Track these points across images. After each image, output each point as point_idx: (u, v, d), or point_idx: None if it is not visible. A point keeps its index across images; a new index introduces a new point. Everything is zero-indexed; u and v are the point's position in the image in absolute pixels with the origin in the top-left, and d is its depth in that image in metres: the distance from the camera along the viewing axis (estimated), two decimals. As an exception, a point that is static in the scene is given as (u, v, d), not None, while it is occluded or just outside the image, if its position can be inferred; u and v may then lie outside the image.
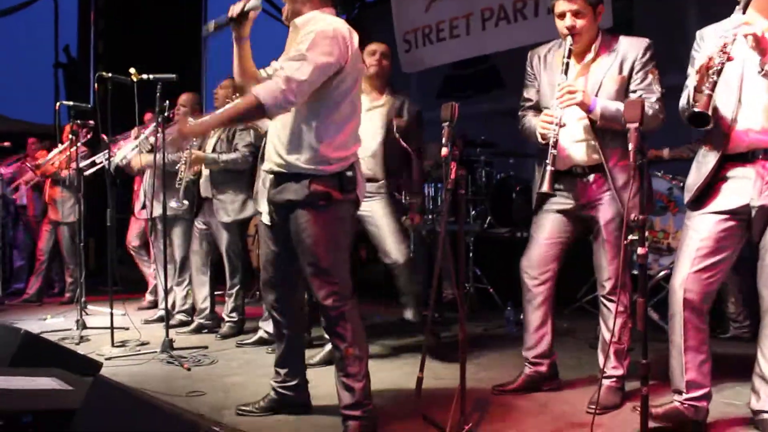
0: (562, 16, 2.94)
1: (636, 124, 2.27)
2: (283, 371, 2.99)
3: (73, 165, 5.34)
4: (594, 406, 2.79)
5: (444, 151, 2.53)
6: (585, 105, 2.87)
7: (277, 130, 2.73)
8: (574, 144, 3.04)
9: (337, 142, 2.66)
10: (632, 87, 2.93)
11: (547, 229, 3.15)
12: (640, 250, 2.27)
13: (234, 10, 2.64)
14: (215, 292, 5.59)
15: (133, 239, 6.25)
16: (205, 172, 4.80)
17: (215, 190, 4.77)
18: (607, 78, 2.95)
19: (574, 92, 2.85)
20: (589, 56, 3.01)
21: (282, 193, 2.69)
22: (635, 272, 4.25)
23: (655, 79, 2.92)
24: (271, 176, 2.76)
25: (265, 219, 2.85)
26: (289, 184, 2.67)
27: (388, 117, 3.96)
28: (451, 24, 6.89)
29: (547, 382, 3.29)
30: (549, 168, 2.82)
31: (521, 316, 3.43)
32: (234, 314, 4.88)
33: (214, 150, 4.76)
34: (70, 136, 5.33)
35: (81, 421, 2.21)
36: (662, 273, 4.52)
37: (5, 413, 2.17)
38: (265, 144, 2.93)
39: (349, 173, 2.70)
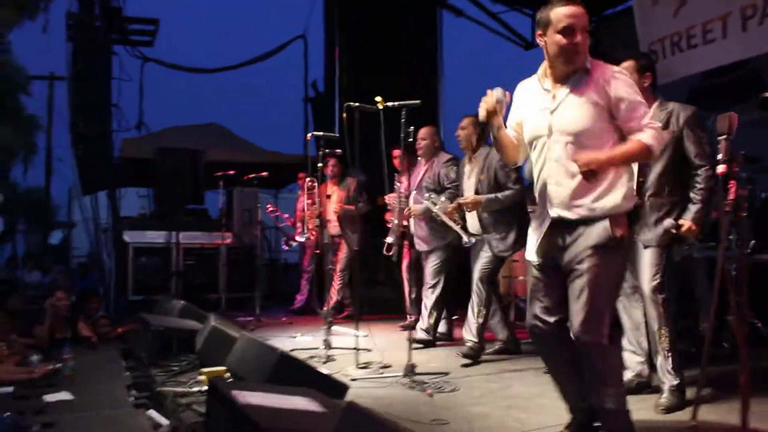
0: None
1: None
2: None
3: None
4: None
5: (721, 168, 2.23)
6: None
7: (562, 176, 2.69)
8: None
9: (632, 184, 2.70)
10: None
11: None
12: None
13: (481, 114, 2.80)
14: (453, 317, 5.81)
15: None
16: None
17: (488, 228, 4.85)
18: None
19: None
20: None
21: (579, 239, 2.65)
22: None
23: None
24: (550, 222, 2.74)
25: (534, 258, 2.81)
26: (585, 229, 2.64)
27: None
28: (704, 28, 6.24)
29: None
30: None
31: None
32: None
33: (476, 191, 4.83)
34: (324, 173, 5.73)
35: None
36: None
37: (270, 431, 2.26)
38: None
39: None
